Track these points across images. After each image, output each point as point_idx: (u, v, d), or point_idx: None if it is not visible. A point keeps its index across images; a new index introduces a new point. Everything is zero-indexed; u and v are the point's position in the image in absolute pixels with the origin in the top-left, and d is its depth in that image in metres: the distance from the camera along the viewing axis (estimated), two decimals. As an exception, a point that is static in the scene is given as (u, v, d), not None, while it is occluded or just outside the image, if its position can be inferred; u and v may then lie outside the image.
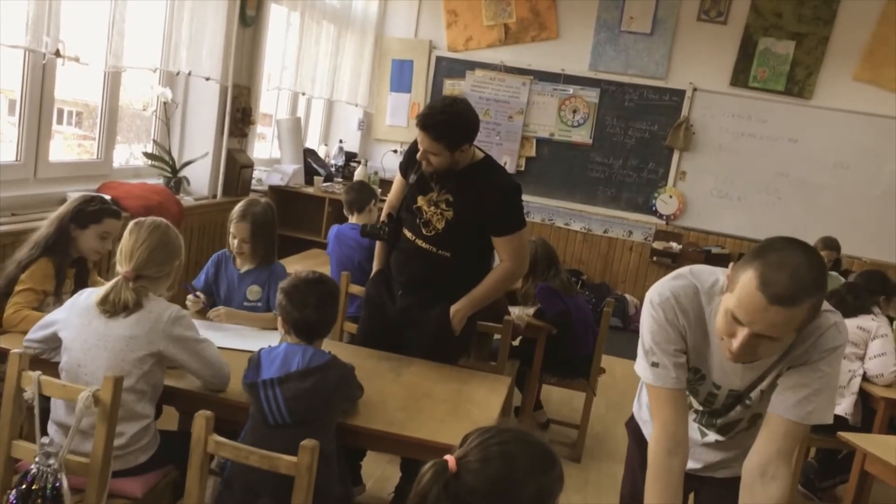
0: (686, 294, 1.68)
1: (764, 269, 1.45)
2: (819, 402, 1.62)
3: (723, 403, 1.79)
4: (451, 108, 2.69)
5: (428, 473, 1.22)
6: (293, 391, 2.09)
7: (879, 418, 3.56)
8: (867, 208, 6.94)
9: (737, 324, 1.50)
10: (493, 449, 1.23)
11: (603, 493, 3.64)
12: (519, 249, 2.85)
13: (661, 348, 1.69)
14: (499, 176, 2.83)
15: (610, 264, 7.57)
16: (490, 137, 7.45)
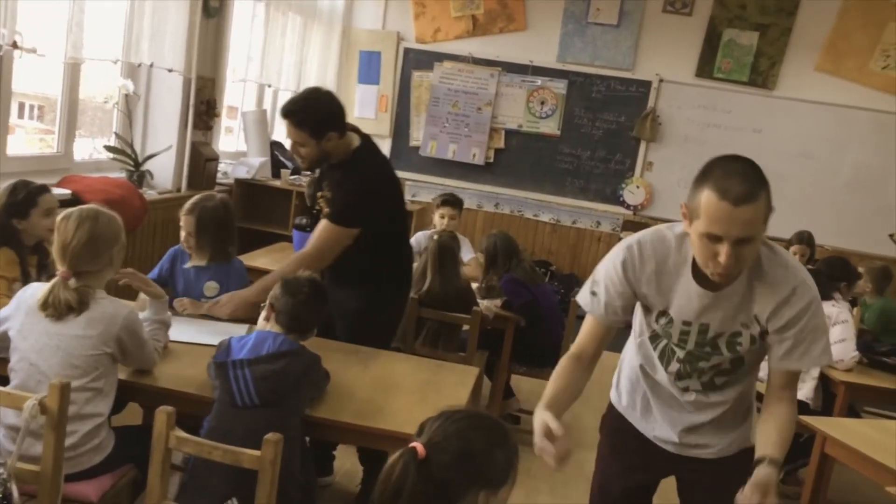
0: (654, 240, 1.80)
1: (716, 183, 1.59)
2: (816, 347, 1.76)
3: (696, 342, 1.83)
4: (311, 96, 2.76)
5: (398, 465, 1.26)
6: (263, 371, 2.12)
7: (839, 402, 3.64)
8: (830, 197, 7.06)
9: (715, 242, 1.62)
10: (452, 428, 1.31)
11: (571, 481, 3.67)
12: (323, 240, 2.82)
13: (605, 284, 1.84)
14: (359, 166, 2.82)
15: (578, 255, 7.62)
16: (459, 129, 7.45)
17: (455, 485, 1.28)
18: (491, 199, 7.59)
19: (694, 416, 1.93)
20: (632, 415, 2.01)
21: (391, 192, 2.96)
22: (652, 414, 1.99)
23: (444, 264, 3.58)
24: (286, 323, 2.29)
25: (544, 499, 3.50)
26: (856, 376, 3.71)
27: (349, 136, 2.85)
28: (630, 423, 2.01)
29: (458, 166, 7.53)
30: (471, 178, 7.56)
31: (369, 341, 2.83)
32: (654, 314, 1.85)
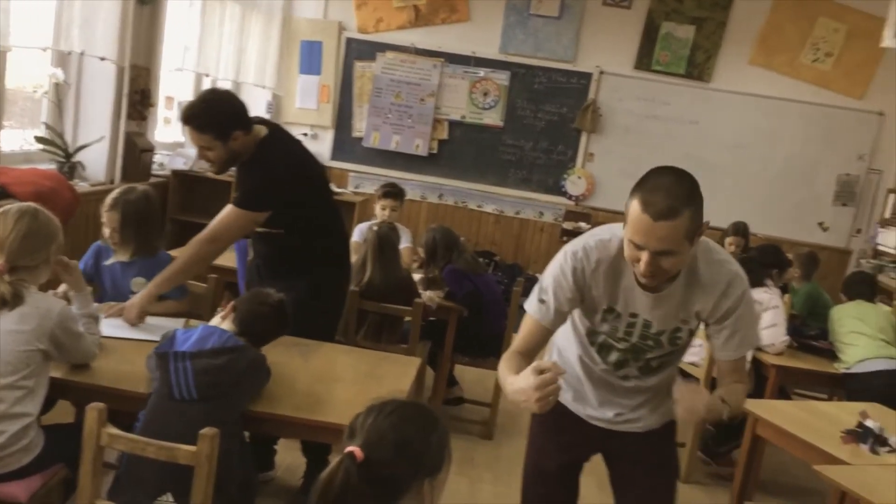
0: (599, 246, 1.86)
1: (643, 195, 1.67)
2: (749, 333, 1.92)
3: (640, 335, 1.92)
4: (210, 98, 2.71)
5: (339, 472, 1.25)
6: (204, 366, 2.09)
7: (770, 385, 3.76)
8: (763, 187, 7.27)
9: (637, 249, 1.70)
10: (385, 423, 1.30)
11: (514, 469, 3.67)
12: (221, 222, 2.78)
13: (554, 294, 1.87)
14: (265, 153, 2.79)
15: (522, 245, 7.68)
16: (402, 120, 7.43)
17: (399, 479, 1.29)
18: (434, 190, 7.60)
19: (629, 399, 2.04)
20: (564, 397, 2.05)
21: (302, 176, 2.87)
22: (586, 397, 2.07)
23: (383, 256, 3.57)
24: (240, 325, 2.28)
25: (487, 487, 3.53)
26: (786, 360, 3.84)
27: (256, 130, 2.79)
28: (562, 403, 2.05)
29: (402, 157, 7.51)
30: (414, 169, 7.55)
31: (311, 332, 2.81)
32: (600, 312, 1.91)
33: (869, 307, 4.01)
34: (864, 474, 2.39)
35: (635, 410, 2.04)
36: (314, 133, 7.56)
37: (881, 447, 2.62)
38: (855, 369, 3.68)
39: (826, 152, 7.26)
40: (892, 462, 2.56)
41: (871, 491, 2.25)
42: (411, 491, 1.30)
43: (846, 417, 2.85)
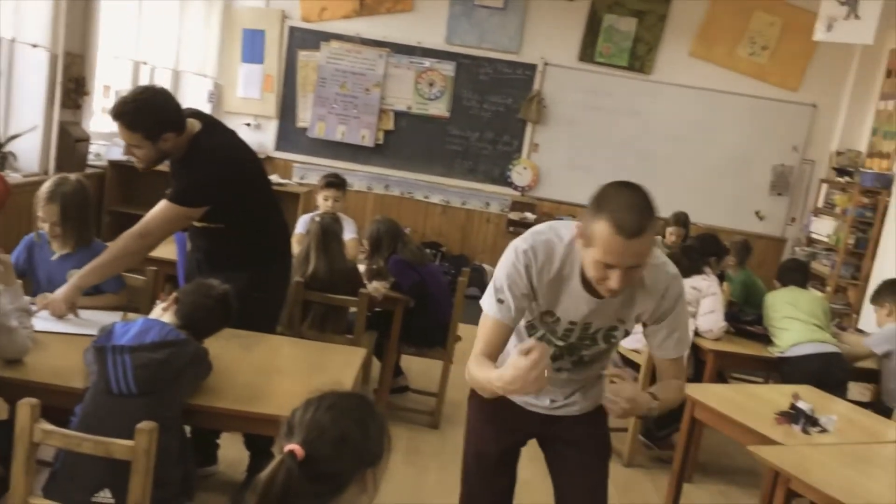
0: (546, 248, 1.86)
1: (612, 216, 1.67)
2: (684, 333, 1.99)
3: (579, 336, 1.97)
4: (140, 97, 2.60)
5: (280, 471, 1.23)
6: (143, 360, 2.05)
7: (709, 369, 3.86)
8: (702, 177, 7.44)
9: (608, 268, 1.71)
10: (324, 419, 1.29)
11: (460, 458, 3.71)
12: (154, 216, 2.72)
13: (510, 290, 1.86)
14: (199, 150, 2.74)
15: (468, 236, 7.72)
16: (347, 110, 7.37)
17: (342, 474, 1.29)
18: (381, 181, 7.57)
19: (563, 388, 2.09)
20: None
21: (238, 170, 2.82)
22: None
23: (327, 246, 3.55)
24: (183, 318, 2.23)
25: (434, 475, 3.55)
26: (723, 345, 3.94)
27: (189, 125, 2.73)
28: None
29: (348, 148, 7.46)
30: (360, 159, 7.51)
31: (252, 324, 2.78)
32: (539, 314, 1.94)
33: (802, 293, 4.14)
34: (795, 454, 2.48)
35: (569, 397, 2.10)
36: (257, 123, 7.45)
37: (812, 427, 2.72)
38: (788, 353, 3.80)
39: (762, 143, 7.46)
40: (822, 442, 2.66)
41: (803, 470, 2.33)
42: (354, 483, 1.31)
43: (780, 399, 2.94)
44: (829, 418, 2.77)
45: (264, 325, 2.89)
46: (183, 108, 2.77)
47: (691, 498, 3.68)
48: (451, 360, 4.11)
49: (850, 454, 2.54)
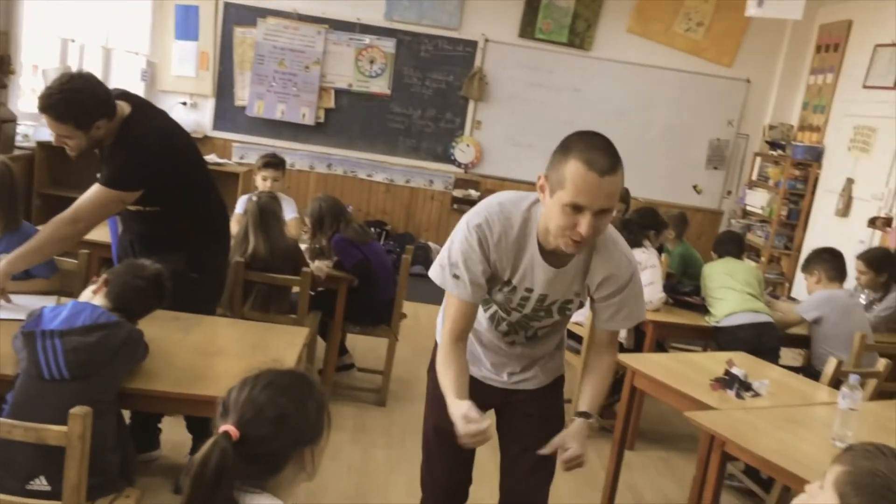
0: (501, 219, 1.85)
1: (582, 155, 1.66)
2: (634, 308, 1.99)
3: (534, 307, 1.96)
4: (68, 86, 2.52)
5: (214, 452, 1.22)
6: (74, 344, 2.00)
7: (648, 340, 3.95)
8: (642, 152, 7.55)
9: (577, 212, 1.69)
10: (260, 398, 1.28)
11: (408, 435, 3.75)
12: (87, 200, 2.65)
13: (465, 266, 1.86)
14: (130, 133, 2.67)
15: (413, 214, 7.71)
16: (287, 88, 7.25)
17: (279, 453, 1.28)
18: (323, 160, 7.48)
19: (520, 363, 2.11)
20: None
21: (171, 152, 2.76)
22: (481, 360, 2.13)
23: (265, 225, 3.49)
24: (115, 301, 2.18)
25: (381, 452, 3.56)
26: (663, 315, 4.04)
27: (120, 109, 2.65)
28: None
29: (288, 126, 7.35)
30: (301, 138, 7.40)
31: (190, 305, 2.74)
32: (498, 284, 1.93)
33: (737, 264, 4.26)
34: (730, 418, 2.56)
35: (526, 371, 2.12)
36: (194, 102, 7.28)
37: (746, 392, 2.81)
38: (724, 323, 3.91)
39: (699, 118, 7.61)
40: (755, 406, 2.75)
41: (737, 433, 2.41)
42: (292, 462, 1.30)
43: (715, 367, 3.03)
44: (762, 383, 2.87)
45: (204, 306, 2.85)
46: (111, 89, 2.69)
47: (633, 465, 3.78)
48: (397, 338, 4.11)
49: (782, 417, 2.63)
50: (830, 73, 6.94)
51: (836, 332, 3.79)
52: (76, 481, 1.73)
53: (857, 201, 6.26)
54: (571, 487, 3.43)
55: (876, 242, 5.65)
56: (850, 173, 6.39)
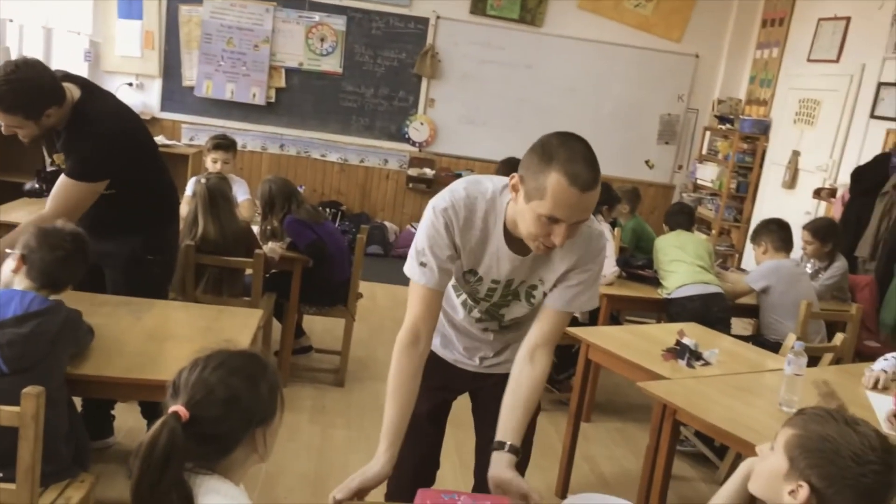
0: (467, 204, 1.79)
1: (566, 168, 1.59)
2: (586, 293, 1.86)
3: (501, 294, 1.93)
4: (13, 76, 2.44)
5: (163, 433, 1.20)
6: (9, 337, 1.92)
7: (602, 313, 4.00)
8: (594, 128, 7.56)
9: (554, 223, 1.64)
10: (211, 378, 1.27)
11: (367, 414, 3.76)
12: (65, 198, 2.62)
13: (432, 252, 1.79)
14: (86, 119, 2.62)
15: (368, 193, 7.66)
16: (236, 68, 7.11)
17: (230, 434, 1.27)
18: (275, 140, 7.38)
19: (493, 347, 2.08)
20: (433, 343, 2.07)
21: (129, 134, 2.74)
22: (453, 343, 2.11)
23: (215, 207, 3.43)
24: (38, 278, 2.08)
25: (340, 432, 3.56)
26: (616, 289, 4.09)
27: (69, 94, 2.59)
28: (432, 349, 2.07)
29: (238, 107, 7.23)
30: (252, 118, 7.29)
31: (149, 289, 2.71)
32: (462, 273, 1.89)
33: (688, 236, 4.33)
34: (681, 387, 2.61)
35: (499, 356, 2.09)
36: (140, 83, 7.10)
37: (696, 361, 2.87)
38: (675, 294, 3.99)
39: (650, 94, 7.69)
40: (706, 374, 2.81)
41: (687, 401, 2.47)
42: (243, 443, 1.29)
43: (667, 337, 3.09)
44: (712, 352, 2.93)
45: (161, 288, 2.85)
46: (56, 73, 2.61)
47: (590, 436, 3.85)
48: (354, 318, 4.10)
49: (732, 384, 2.70)
50: (776, 48, 7.07)
51: (783, 301, 3.89)
52: (30, 463, 1.70)
53: (803, 173, 6.41)
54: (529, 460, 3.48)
55: (821, 213, 5.80)
56: (796, 146, 6.54)
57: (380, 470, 1.69)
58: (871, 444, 1.37)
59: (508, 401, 1.84)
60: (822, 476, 1.35)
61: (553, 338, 1.88)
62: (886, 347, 4.24)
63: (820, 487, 1.35)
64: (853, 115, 5.83)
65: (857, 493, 1.35)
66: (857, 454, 1.35)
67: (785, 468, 1.40)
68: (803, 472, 1.37)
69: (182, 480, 1.21)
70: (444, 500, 1.52)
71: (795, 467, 1.38)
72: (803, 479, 1.37)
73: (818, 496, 1.35)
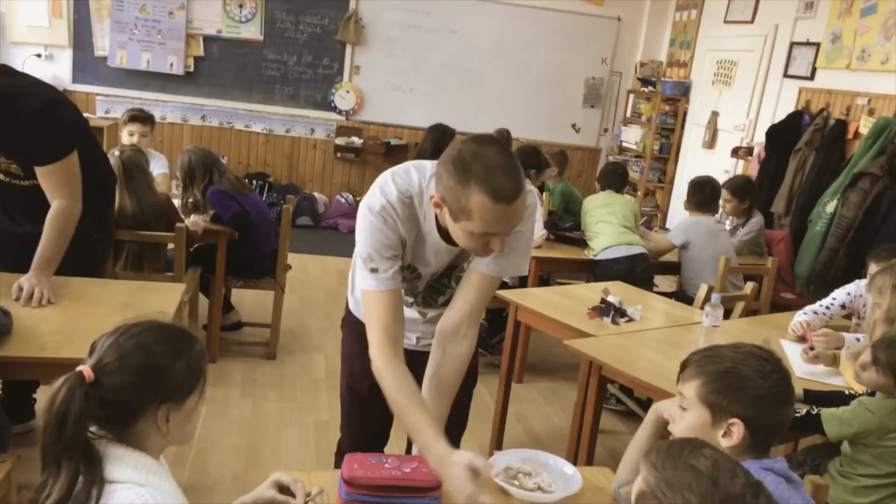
0: (402, 200, 1.73)
1: (486, 185, 1.52)
2: (515, 257, 1.80)
3: (437, 282, 1.93)
4: None
5: (62, 389, 1.19)
6: None
7: (532, 275, 4.05)
8: (521, 93, 7.65)
9: (490, 236, 1.60)
10: (127, 344, 1.25)
11: (298, 387, 3.74)
12: (68, 183, 2.56)
13: (380, 254, 1.72)
14: (23, 101, 2.48)
15: (295, 164, 7.54)
16: (151, 36, 6.85)
17: (130, 405, 1.24)
18: (196, 111, 7.17)
19: (429, 327, 2.05)
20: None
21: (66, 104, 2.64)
22: None
23: (132, 181, 3.33)
24: None
25: (273, 405, 3.53)
26: (545, 251, 4.15)
27: None
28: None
29: (155, 77, 6.98)
30: (171, 89, 7.05)
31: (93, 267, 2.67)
32: (401, 266, 1.82)
33: (617, 197, 4.39)
34: (606, 343, 2.68)
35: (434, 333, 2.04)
36: (49, 54, 6.78)
37: (620, 318, 2.95)
38: (600, 256, 4.06)
39: (574, 58, 7.74)
40: (629, 330, 2.89)
41: (612, 357, 2.53)
42: (146, 417, 1.26)
43: (592, 296, 3.16)
44: (635, 308, 3.01)
45: (103, 266, 2.80)
46: None
47: (522, 397, 3.93)
48: (284, 290, 4.05)
49: (654, 339, 2.78)
50: (694, 10, 7.21)
51: (702, 256, 4.02)
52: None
53: (722, 133, 6.59)
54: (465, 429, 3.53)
55: (739, 171, 5.98)
56: (715, 106, 6.71)
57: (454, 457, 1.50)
58: (761, 358, 1.47)
59: (431, 386, 1.78)
60: (745, 405, 1.43)
61: (481, 309, 1.83)
62: (801, 299, 4.45)
63: (747, 415, 1.42)
64: (768, 74, 6.01)
65: (776, 404, 1.44)
66: (758, 371, 1.45)
67: (708, 417, 1.45)
68: (727, 411, 1.43)
69: (86, 442, 1.20)
70: (372, 464, 1.53)
71: (718, 411, 1.44)
72: (730, 416, 1.43)
73: (748, 425, 1.42)
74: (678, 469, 1.10)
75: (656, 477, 1.11)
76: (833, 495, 2.20)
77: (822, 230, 4.79)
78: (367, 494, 1.48)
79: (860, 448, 2.14)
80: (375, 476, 1.49)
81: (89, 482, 1.18)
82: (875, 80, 4.89)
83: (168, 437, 1.29)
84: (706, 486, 1.07)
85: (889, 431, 2.08)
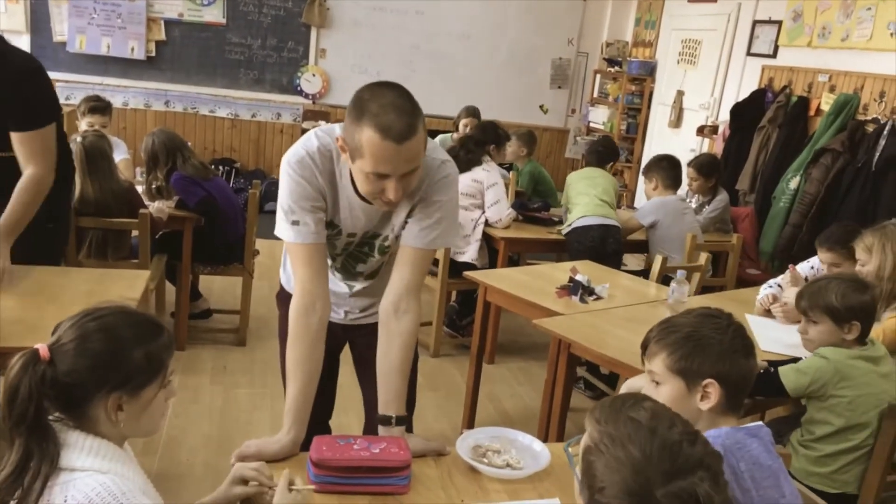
0: (321, 153, 1.73)
1: (376, 121, 1.53)
2: (442, 228, 1.80)
3: (357, 247, 1.91)
4: None
5: (16, 366, 1.20)
6: None
7: (501, 256, 4.07)
8: (490, 74, 7.63)
9: (382, 179, 1.60)
10: (90, 325, 1.24)
11: (269, 372, 3.72)
12: (44, 151, 2.50)
13: (300, 206, 1.71)
14: (13, 63, 2.44)
15: (262, 149, 7.46)
16: (111, 20, 6.71)
17: (78, 387, 1.22)
18: (160, 96, 7.05)
19: (358, 301, 2.05)
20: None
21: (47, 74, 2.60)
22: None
23: (94, 166, 3.27)
24: None
25: (244, 391, 3.51)
26: (513, 232, 4.16)
27: None
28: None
29: (116, 62, 6.84)
30: (133, 74, 6.93)
31: (48, 257, 2.60)
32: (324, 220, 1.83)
33: (599, 172, 4.35)
34: (575, 322, 2.70)
35: (364, 311, 2.06)
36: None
37: (588, 296, 2.97)
38: (575, 224, 4.06)
39: (541, 38, 7.74)
40: (597, 308, 2.91)
41: (581, 335, 2.55)
42: (95, 403, 1.24)
43: (561, 275, 3.17)
44: (603, 286, 3.03)
45: (59, 256, 2.73)
46: None
47: (493, 377, 3.95)
48: (252, 275, 4.02)
49: (621, 316, 2.80)
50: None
51: (669, 234, 4.06)
52: None
53: (688, 112, 6.65)
54: (434, 403, 3.54)
55: (705, 150, 6.05)
56: (680, 85, 6.76)
57: (280, 449, 1.61)
58: (714, 316, 1.51)
59: (382, 366, 1.79)
60: (713, 362, 1.46)
61: (417, 282, 1.82)
62: (766, 274, 4.52)
63: (718, 372, 1.45)
64: (731, 53, 6.06)
65: (741, 355, 1.47)
66: (716, 328, 1.48)
67: (682, 385, 1.47)
68: (699, 373, 1.46)
69: (40, 420, 1.19)
70: (340, 445, 1.52)
71: (690, 376, 1.47)
72: (703, 377, 1.45)
73: (721, 382, 1.45)
74: (619, 422, 1.13)
75: (599, 431, 1.14)
76: (796, 466, 2.25)
77: (785, 206, 4.86)
78: (337, 476, 1.48)
79: (815, 405, 2.19)
80: (344, 457, 1.49)
81: (39, 459, 1.17)
82: (836, 57, 4.96)
83: (122, 428, 1.26)
84: (645, 436, 1.09)
85: (842, 378, 2.14)
